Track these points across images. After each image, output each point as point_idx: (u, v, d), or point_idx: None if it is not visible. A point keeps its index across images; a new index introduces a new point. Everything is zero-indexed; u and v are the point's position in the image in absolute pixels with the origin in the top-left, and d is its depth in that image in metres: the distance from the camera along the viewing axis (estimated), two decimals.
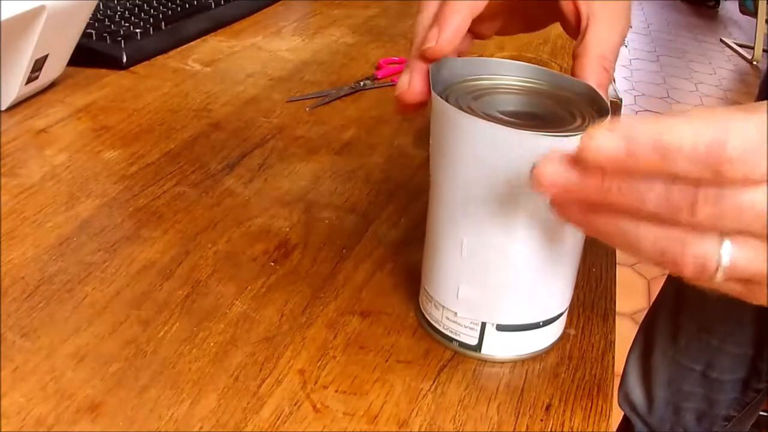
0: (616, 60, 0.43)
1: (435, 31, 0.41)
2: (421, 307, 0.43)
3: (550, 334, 0.42)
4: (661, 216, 0.29)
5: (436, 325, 0.42)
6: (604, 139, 0.28)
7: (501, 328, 0.40)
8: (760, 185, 0.27)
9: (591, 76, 0.41)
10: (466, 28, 0.41)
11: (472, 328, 0.40)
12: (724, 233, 0.28)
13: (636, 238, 0.30)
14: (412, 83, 0.41)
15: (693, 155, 0.27)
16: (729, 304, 0.88)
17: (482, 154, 0.36)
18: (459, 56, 0.43)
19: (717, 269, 0.29)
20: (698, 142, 0.26)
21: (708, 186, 0.27)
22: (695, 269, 0.29)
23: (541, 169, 0.31)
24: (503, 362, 0.41)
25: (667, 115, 0.28)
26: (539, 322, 0.41)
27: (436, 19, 0.41)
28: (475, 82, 0.41)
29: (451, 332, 0.41)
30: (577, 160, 0.29)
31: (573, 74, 0.43)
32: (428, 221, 0.42)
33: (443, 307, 0.41)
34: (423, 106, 0.42)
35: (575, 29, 0.44)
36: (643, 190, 0.29)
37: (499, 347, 0.41)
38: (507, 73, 0.42)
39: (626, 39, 0.44)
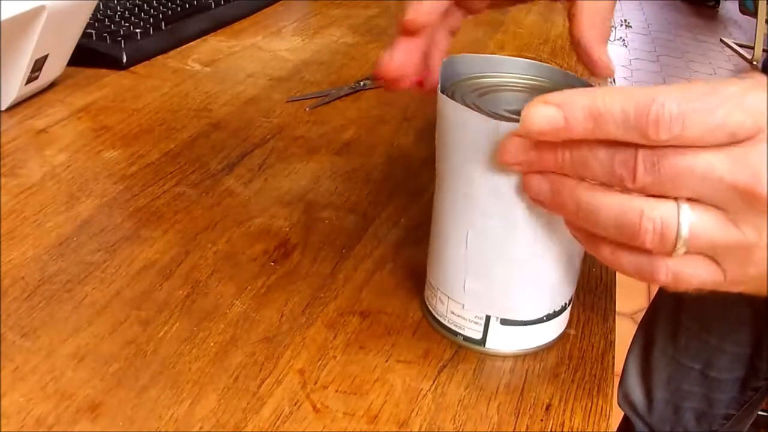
0: (611, 18, 0.43)
1: (413, 4, 0.41)
2: (426, 302, 0.44)
3: (554, 329, 0.42)
4: (610, 184, 0.30)
5: (441, 320, 0.42)
6: (541, 110, 0.30)
7: (505, 322, 0.40)
8: (698, 150, 0.28)
9: (590, 32, 0.41)
10: (444, 2, 0.41)
11: (476, 322, 0.41)
12: (680, 200, 0.29)
13: (595, 209, 0.31)
14: (387, 56, 0.42)
15: (623, 120, 0.28)
16: (727, 303, 0.88)
17: (485, 149, 0.36)
18: (450, 34, 0.44)
19: (677, 237, 0.29)
20: (627, 107, 0.28)
21: (646, 151, 0.28)
22: (654, 237, 0.30)
23: (504, 145, 0.33)
24: (507, 356, 0.41)
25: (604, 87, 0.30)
26: (543, 317, 0.41)
27: None
28: (480, 80, 0.41)
29: (456, 326, 0.41)
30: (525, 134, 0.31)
31: (571, 35, 0.42)
32: (433, 215, 0.42)
33: (449, 299, 0.41)
34: (404, 82, 0.42)
35: None
36: (589, 159, 0.30)
37: (504, 341, 0.41)
38: (511, 71, 0.42)
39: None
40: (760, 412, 1.03)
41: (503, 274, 0.39)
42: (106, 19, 0.82)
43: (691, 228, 0.29)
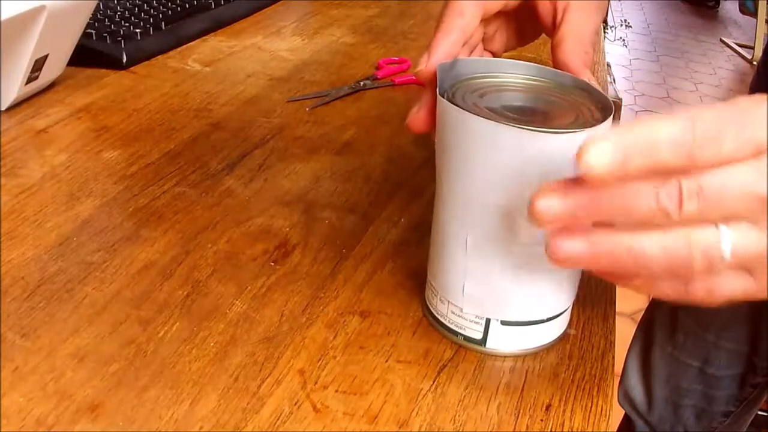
0: (593, 49, 0.45)
1: (425, 56, 0.43)
2: (427, 301, 0.44)
3: (555, 329, 0.42)
4: (654, 221, 0.30)
5: (442, 319, 0.42)
6: (598, 150, 0.29)
7: (506, 323, 0.40)
8: (730, 166, 0.29)
9: (573, 58, 0.44)
10: (457, 51, 0.43)
11: (477, 323, 0.41)
12: (716, 221, 0.30)
13: (641, 250, 0.31)
14: (418, 113, 0.43)
15: (670, 145, 0.29)
16: None
17: (484, 151, 0.36)
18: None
19: (720, 258, 0.30)
20: (674, 132, 0.29)
21: (687, 180, 0.29)
22: (703, 262, 0.30)
23: (536, 205, 0.31)
24: (507, 356, 0.41)
25: (642, 119, 0.30)
26: (544, 318, 0.41)
27: (429, 43, 0.43)
28: (481, 80, 0.41)
29: (457, 326, 0.41)
30: (566, 182, 0.30)
31: (554, 61, 0.44)
32: (434, 217, 0.42)
33: (449, 302, 0.41)
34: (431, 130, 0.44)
35: (552, 28, 0.46)
36: (632, 198, 0.30)
37: (504, 342, 0.41)
38: (513, 72, 0.42)
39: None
40: (759, 412, 1.03)
41: (504, 277, 0.39)
42: (106, 19, 0.82)
43: (732, 247, 0.30)
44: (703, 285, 0.32)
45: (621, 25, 4.35)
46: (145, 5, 0.87)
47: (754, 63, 3.99)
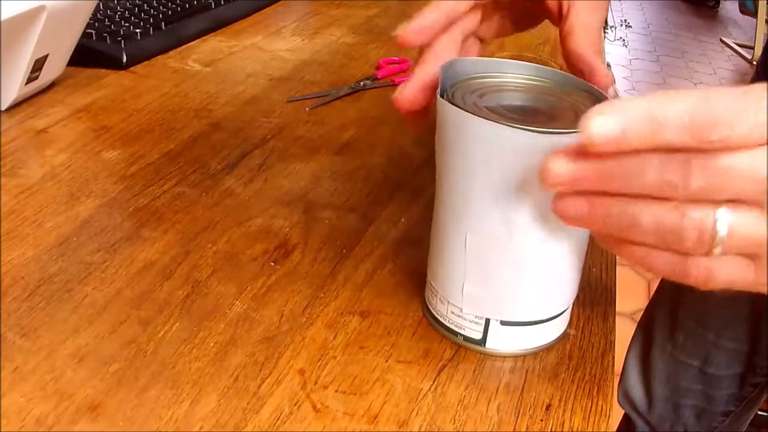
0: (601, 41, 0.46)
1: (406, 24, 0.43)
2: (427, 301, 0.44)
3: (555, 329, 0.42)
4: (658, 194, 0.30)
5: (441, 320, 0.42)
6: (599, 120, 0.30)
7: (505, 323, 0.40)
8: (745, 149, 0.29)
9: (584, 47, 0.44)
10: (440, 24, 0.44)
11: (476, 323, 0.41)
12: (719, 203, 0.30)
13: (634, 215, 0.31)
14: (404, 90, 0.43)
15: (680, 123, 0.29)
16: (724, 299, 0.88)
17: (483, 151, 0.36)
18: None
19: (715, 235, 0.30)
20: (684, 110, 0.29)
21: (698, 157, 0.29)
22: (693, 235, 0.30)
23: (546, 166, 0.32)
24: (507, 356, 0.41)
25: (655, 93, 0.30)
26: (544, 318, 0.41)
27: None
28: (481, 80, 0.41)
29: (456, 326, 0.41)
30: (579, 149, 0.31)
31: (565, 51, 0.44)
32: (434, 217, 0.42)
33: (448, 302, 0.41)
34: (420, 113, 0.43)
35: (559, 19, 0.46)
36: (640, 167, 0.30)
37: (504, 342, 0.41)
38: (513, 72, 0.42)
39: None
40: (759, 412, 1.03)
41: (504, 277, 0.39)
42: (106, 19, 0.82)
43: (729, 227, 0.30)
44: (701, 264, 0.31)
45: (621, 25, 4.35)
46: (145, 5, 0.87)
47: (754, 63, 3.99)
